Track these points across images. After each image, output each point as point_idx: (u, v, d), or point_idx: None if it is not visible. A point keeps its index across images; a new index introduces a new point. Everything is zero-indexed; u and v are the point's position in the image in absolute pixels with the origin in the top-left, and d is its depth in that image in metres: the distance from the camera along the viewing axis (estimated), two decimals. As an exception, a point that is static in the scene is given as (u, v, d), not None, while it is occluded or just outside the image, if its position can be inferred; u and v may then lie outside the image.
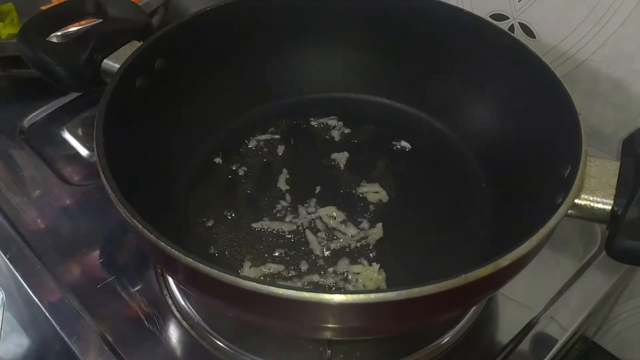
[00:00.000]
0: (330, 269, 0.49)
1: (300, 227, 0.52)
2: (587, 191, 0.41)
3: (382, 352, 0.49)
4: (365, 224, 0.53)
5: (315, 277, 0.49)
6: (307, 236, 0.52)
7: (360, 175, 0.57)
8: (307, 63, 0.64)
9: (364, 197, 0.55)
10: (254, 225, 0.53)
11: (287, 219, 0.53)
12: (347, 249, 0.51)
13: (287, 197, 0.55)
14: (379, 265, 0.49)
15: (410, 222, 0.53)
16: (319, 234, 0.52)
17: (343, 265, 0.49)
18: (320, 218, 0.53)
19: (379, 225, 0.52)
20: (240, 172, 0.57)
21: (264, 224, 0.53)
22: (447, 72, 0.60)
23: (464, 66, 0.59)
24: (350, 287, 0.48)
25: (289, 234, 0.52)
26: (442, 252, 0.51)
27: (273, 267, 0.49)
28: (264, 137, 0.61)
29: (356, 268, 0.49)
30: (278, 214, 0.54)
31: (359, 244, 0.51)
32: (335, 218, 0.53)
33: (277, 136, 0.61)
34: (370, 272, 0.48)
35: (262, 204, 0.55)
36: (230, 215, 0.53)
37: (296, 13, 0.61)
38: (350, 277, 0.49)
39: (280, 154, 0.59)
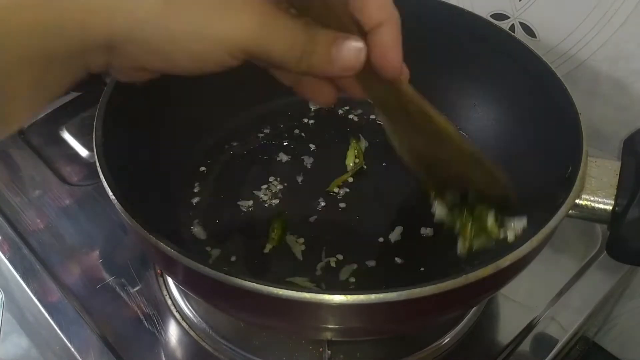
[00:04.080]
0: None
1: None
2: (588, 191, 0.41)
3: (382, 353, 0.49)
4: (365, 224, 0.53)
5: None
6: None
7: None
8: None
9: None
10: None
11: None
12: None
13: (287, 197, 0.55)
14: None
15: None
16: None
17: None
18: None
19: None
20: (240, 172, 0.57)
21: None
22: (447, 72, 0.60)
23: (464, 66, 0.59)
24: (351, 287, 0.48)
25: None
26: (442, 252, 0.51)
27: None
28: (263, 136, 0.61)
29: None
30: (278, 214, 0.54)
31: (359, 244, 0.51)
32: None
33: (276, 136, 0.61)
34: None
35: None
36: (230, 215, 0.53)
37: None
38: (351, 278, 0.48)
39: (279, 154, 0.59)
